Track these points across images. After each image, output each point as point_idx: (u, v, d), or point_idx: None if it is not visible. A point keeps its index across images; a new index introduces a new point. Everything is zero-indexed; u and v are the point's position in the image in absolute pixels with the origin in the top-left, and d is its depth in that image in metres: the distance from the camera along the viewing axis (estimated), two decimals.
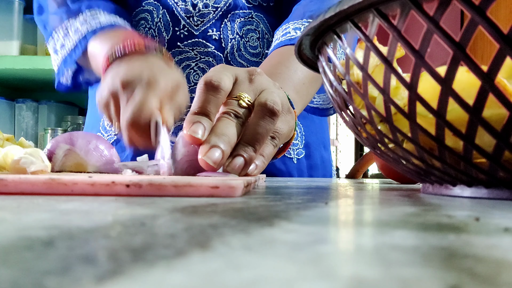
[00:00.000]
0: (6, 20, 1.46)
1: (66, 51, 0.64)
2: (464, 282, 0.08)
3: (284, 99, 0.43)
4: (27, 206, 0.18)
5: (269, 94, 0.40)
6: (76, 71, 0.69)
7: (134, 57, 0.51)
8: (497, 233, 0.14)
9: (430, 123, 0.24)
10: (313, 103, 0.73)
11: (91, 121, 0.77)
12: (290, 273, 0.08)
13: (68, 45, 0.63)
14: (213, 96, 0.38)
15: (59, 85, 0.70)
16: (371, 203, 0.24)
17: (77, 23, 0.63)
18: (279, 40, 0.63)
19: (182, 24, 0.68)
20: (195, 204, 0.20)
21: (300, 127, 0.74)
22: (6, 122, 1.55)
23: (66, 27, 0.64)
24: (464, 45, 0.21)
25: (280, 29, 0.64)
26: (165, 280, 0.08)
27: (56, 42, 0.65)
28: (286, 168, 0.72)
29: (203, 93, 0.38)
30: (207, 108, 0.37)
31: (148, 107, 0.43)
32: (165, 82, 0.47)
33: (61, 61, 0.65)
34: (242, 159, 0.37)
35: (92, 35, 0.60)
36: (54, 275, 0.08)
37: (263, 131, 0.38)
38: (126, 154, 0.70)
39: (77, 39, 0.62)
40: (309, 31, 0.31)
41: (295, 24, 0.63)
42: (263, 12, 0.71)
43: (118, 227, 0.13)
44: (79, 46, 0.62)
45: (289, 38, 0.61)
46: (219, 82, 0.38)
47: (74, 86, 0.71)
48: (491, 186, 0.26)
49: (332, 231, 0.14)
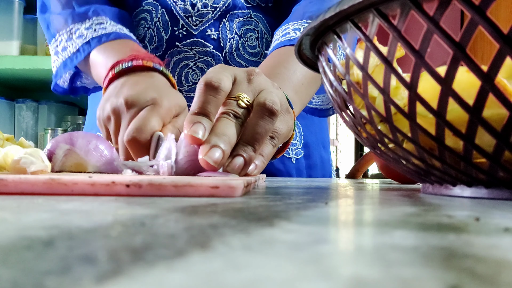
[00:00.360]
0: (6, 20, 1.46)
1: (67, 54, 0.63)
2: (464, 282, 0.08)
3: (282, 99, 0.43)
4: (27, 206, 0.18)
5: (268, 94, 0.40)
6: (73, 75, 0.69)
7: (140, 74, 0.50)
8: (497, 233, 0.14)
9: (430, 123, 0.24)
10: (312, 104, 0.73)
11: (91, 121, 0.77)
12: (290, 273, 0.08)
13: (70, 48, 0.63)
14: (213, 97, 0.38)
15: (56, 86, 0.70)
16: (371, 203, 0.24)
17: (82, 28, 0.62)
18: (278, 40, 0.63)
19: (181, 24, 0.68)
20: (195, 204, 0.20)
21: (299, 127, 0.74)
22: (6, 122, 1.55)
23: (70, 30, 0.63)
24: (464, 45, 0.21)
25: (280, 30, 0.64)
26: (165, 280, 0.08)
27: (59, 44, 0.65)
28: (285, 168, 0.72)
29: (203, 94, 0.38)
30: (207, 109, 0.37)
31: (149, 127, 0.43)
32: (169, 104, 0.47)
33: (60, 63, 0.65)
34: (242, 159, 0.37)
35: (97, 43, 0.59)
36: (54, 275, 0.08)
37: (262, 130, 0.38)
38: None
39: (80, 44, 0.61)
40: (309, 31, 0.31)
41: (294, 25, 0.63)
42: (262, 12, 0.71)
43: (118, 227, 0.13)
44: (82, 51, 0.61)
45: (289, 39, 0.61)
46: (219, 82, 0.38)
47: (71, 90, 0.71)
48: (491, 186, 0.26)
49: (332, 231, 0.14)
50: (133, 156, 0.44)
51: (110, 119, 0.48)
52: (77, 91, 0.72)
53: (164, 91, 0.48)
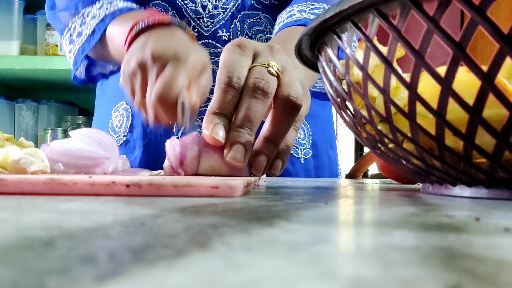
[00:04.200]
0: (6, 20, 1.46)
1: (83, 38, 0.63)
2: (464, 282, 0.08)
3: (302, 80, 0.43)
4: (27, 206, 0.18)
5: (291, 86, 0.40)
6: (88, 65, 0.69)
7: (161, 29, 0.50)
8: (497, 233, 0.14)
9: (430, 123, 0.24)
10: (316, 88, 0.73)
11: (100, 121, 0.76)
12: (290, 273, 0.08)
13: (85, 31, 0.62)
14: (233, 97, 0.38)
15: (75, 77, 0.70)
16: (371, 203, 0.24)
17: (94, 9, 0.62)
18: (284, 22, 0.62)
19: (192, 25, 0.68)
20: (195, 204, 0.20)
21: (307, 127, 0.73)
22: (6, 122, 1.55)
23: (82, 15, 0.63)
24: (464, 45, 0.21)
25: (284, 12, 0.64)
26: (165, 280, 0.08)
27: (73, 32, 0.64)
28: (293, 168, 0.72)
29: (222, 93, 0.38)
30: (226, 109, 0.38)
31: (178, 84, 0.43)
32: (195, 60, 0.46)
33: (78, 49, 0.64)
34: (265, 158, 0.38)
35: (111, 19, 0.59)
36: (54, 275, 0.08)
37: (285, 127, 0.39)
38: (135, 155, 0.69)
39: (95, 24, 0.61)
40: (309, 31, 0.31)
41: (299, 7, 0.63)
42: (271, 13, 0.71)
43: (118, 227, 0.13)
44: (97, 31, 0.60)
45: (295, 20, 0.61)
46: (240, 83, 0.38)
47: (89, 79, 0.71)
48: (491, 186, 0.26)
49: (332, 231, 0.14)
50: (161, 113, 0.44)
51: (136, 73, 0.47)
52: (95, 79, 0.72)
53: (188, 46, 0.48)
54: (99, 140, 0.40)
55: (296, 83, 0.40)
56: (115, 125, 0.72)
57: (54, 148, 0.37)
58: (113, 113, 0.73)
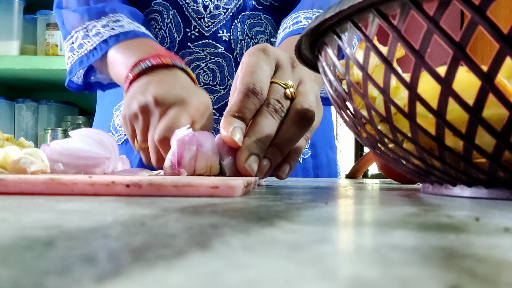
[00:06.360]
0: (6, 20, 1.47)
1: (84, 51, 0.62)
2: (464, 282, 0.08)
3: (317, 93, 0.44)
4: (27, 206, 0.18)
5: (306, 99, 0.41)
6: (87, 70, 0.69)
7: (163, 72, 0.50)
8: (497, 233, 0.14)
9: (430, 123, 0.24)
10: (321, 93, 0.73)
11: (101, 120, 0.76)
12: (290, 273, 0.08)
13: (86, 45, 0.62)
14: (253, 104, 0.39)
15: (70, 83, 0.69)
16: (371, 203, 0.24)
17: (99, 25, 0.61)
18: (289, 29, 0.62)
19: (193, 25, 0.69)
20: (195, 204, 0.20)
21: None
22: (6, 122, 1.56)
23: (86, 27, 0.62)
24: (464, 45, 0.21)
25: (289, 18, 0.64)
26: (165, 280, 0.08)
27: (75, 41, 0.63)
28: None
29: (244, 97, 0.39)
30: (246, 114, 0.38)
31: (180, 126, 0.43)
32: (197, 103, 0.47)
33: (76, 60, 0.63)
34: (268, 162, 0.39)
35: (115, 42, 0.58)
36: (54, 275, 0.08)
37: (295, 138, 0.40)
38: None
39: (98, 42, 0.60)
40: (308, 31, 0.31)
41: (305, 14, 0.63)
42: (271, 14, 0.71)
43: (118, 227, 0.13)
44: (99, 50, 0.60)
45: (302, 27, 0.61)
46: (261, 93, 0.39)
47: (85, 86, 0.70)
48: (491, 186, 0.26)
49: (332, 231, 0.14)
50: (163, 155, 0.44)
51: (138, 117, 0.48)
52: (92, 87, 0.71)
53: (191, 90, 0.48)
54: (99, 140, 0.40)
55: (311, 96, 0.41)
56: (117, 124, 0.72)
57: (54, 148, 0.37)
58: (114, 112, 0.73)
